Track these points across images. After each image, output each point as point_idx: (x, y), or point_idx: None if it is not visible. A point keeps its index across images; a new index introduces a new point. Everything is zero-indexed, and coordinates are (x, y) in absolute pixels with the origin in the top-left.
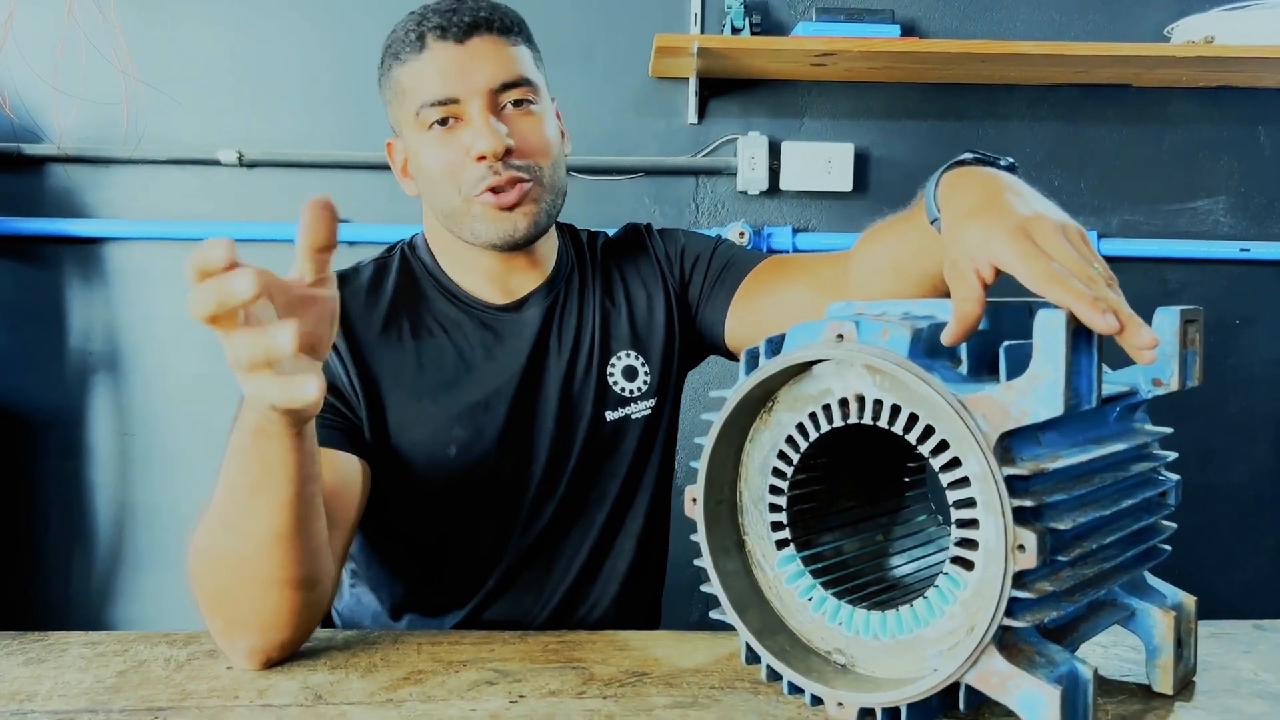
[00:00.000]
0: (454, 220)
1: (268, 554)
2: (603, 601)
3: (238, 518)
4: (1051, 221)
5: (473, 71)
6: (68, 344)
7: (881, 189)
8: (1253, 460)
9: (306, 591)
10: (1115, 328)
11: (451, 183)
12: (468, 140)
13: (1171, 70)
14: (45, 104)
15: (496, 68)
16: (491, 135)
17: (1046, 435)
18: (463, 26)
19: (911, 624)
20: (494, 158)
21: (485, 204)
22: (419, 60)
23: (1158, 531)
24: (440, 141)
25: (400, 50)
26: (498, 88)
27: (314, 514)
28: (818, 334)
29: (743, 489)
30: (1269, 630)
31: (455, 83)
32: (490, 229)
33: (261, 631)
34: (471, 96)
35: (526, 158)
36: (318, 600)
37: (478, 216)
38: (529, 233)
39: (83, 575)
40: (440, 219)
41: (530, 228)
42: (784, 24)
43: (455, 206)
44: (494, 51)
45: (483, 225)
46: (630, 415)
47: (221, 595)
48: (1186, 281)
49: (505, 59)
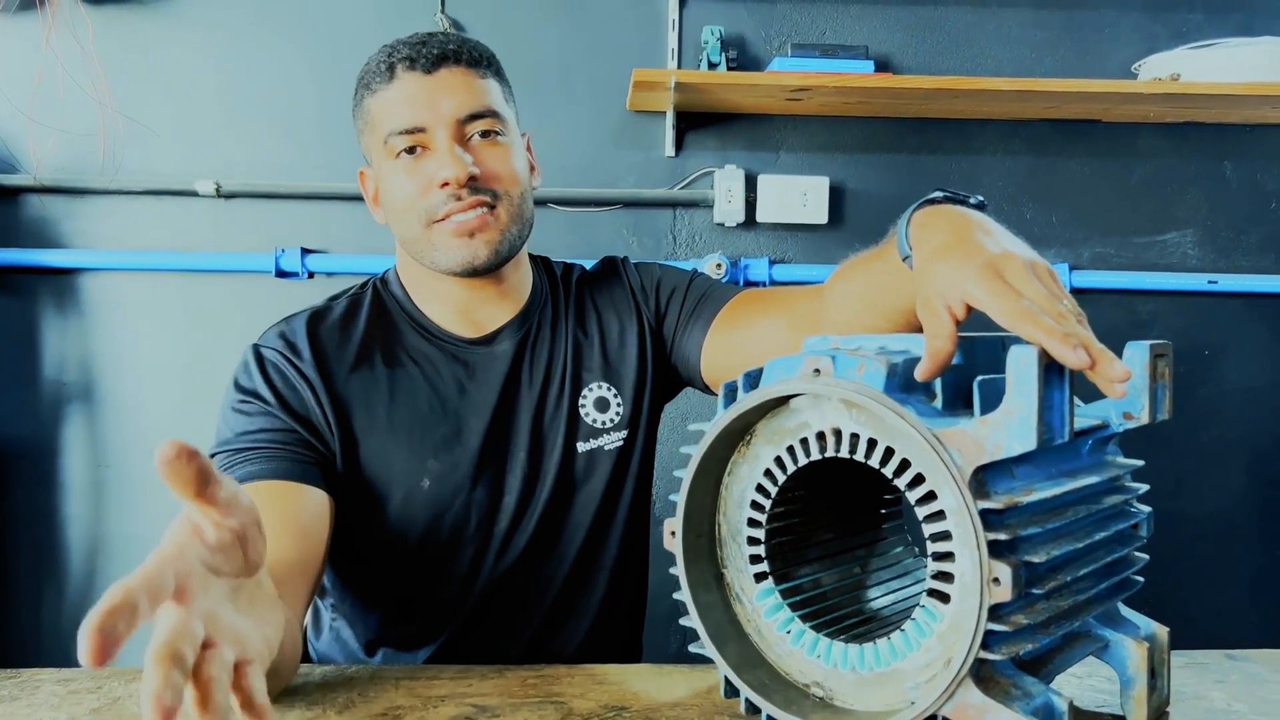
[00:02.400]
0: (417, 248)
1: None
2: (578, 633)
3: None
4: (1020, 259)
5: (439, 101)
6: (42, 375)
7: (857, 221)
8: (1224, 488)
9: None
10: (1086, 362)
11: (415, 210)
12: (433, 169)
13: (1139, 106)
14: (21, 134)
15: (463, 98)
16: (455, 162)
17: (1020, 469)
18: (431, 58)
19: (889, 657)
20: (456, 184)
21: (445, 230)
22: (388, 90)
23: (1130, 563)
24: (407, 170)
25: (371, 80)
26: (464, 118)
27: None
28: (795, 368)
29: (721, 522)
30: (1241, 660)
31: (422, 112)
32: (450, 256)
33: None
34: (438, 126)
35: (491, 185)
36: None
37: (438, 244)
38: (489, 260)
39: (54, 609)
40: (405, 247)
41: (491, 255)
42: (760, 59)
43: (417, 234)
44: (461, 83)
45: (443, 252)
46: (603, 447)
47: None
48: (1156, 313)
49: (473, 90)
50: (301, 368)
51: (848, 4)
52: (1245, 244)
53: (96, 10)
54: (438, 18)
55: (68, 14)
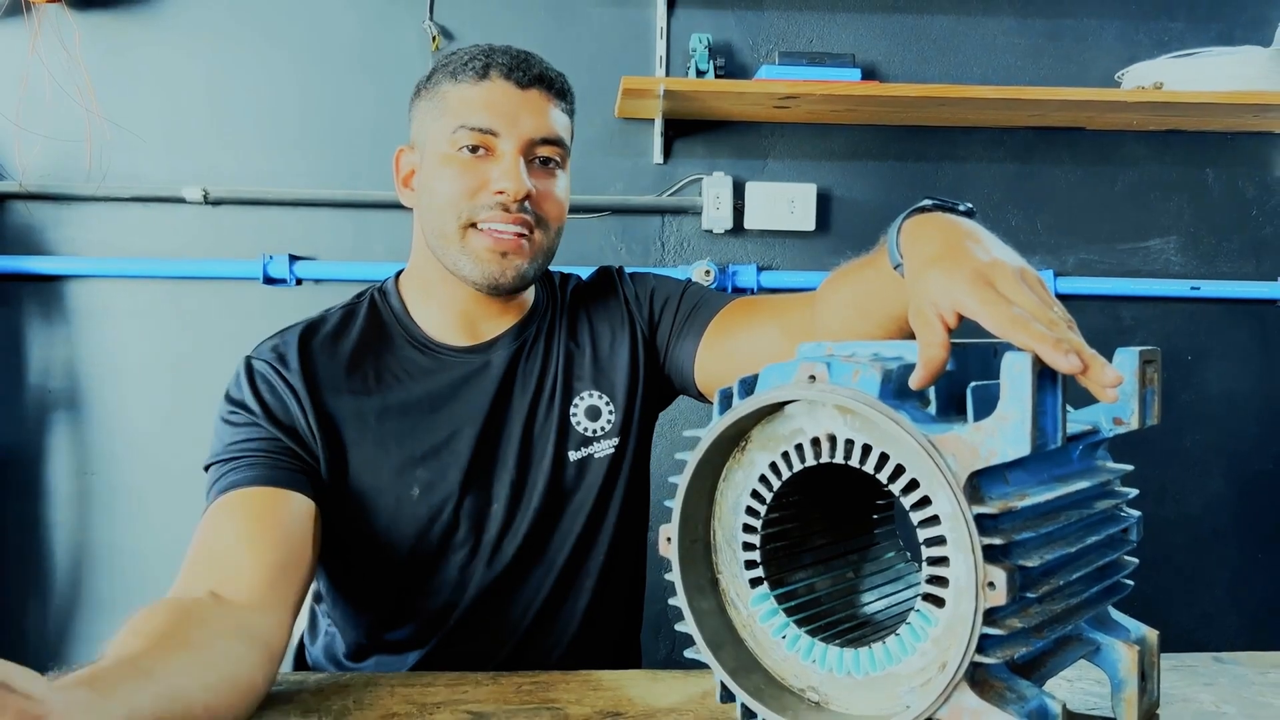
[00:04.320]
0: (444, 244)
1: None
2: (564, 640)
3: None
4: (1010, 267)
5: (521, 116)
6: (27, 382)
7: (844, 228)
8: (1206, 492)
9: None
10: (1079, 367)
11: (456, 207)
12: (493, 174)
13: (1123, 114)
14: (8, 141)
15: (542, 121)
16: (517, 177)
17: (1013, 474)
18: (529, 75)
19: (884, 661)
20: (512, 198)
21: (482, 241)
22: (476, 87)
23: (1121, 567)
24: (465, 165)
25: (459, 71)
26: (538, 140)
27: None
28: (790, 375)
29: (716, 528)
30: (1228, 663)
31: (502, 119)
32: (478, 268)
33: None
34: (511, 137)
35: (539, 209)
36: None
37: (469, 250)
38: (513, 283)
39: (39, 618)
40: (431, 238)
41: (516, 279)
42: (747, 67)
43: (450, 231)
44: (545, 107)
45: (472, 261)
46: (594, 455)
47: None
48: (1140, 319)
49: (552, 117)
50: (289, 379)
51: (835, 12)
52: (1227, 250)
53: (83, 16)
54: (425, 25)
55: (54, 20)
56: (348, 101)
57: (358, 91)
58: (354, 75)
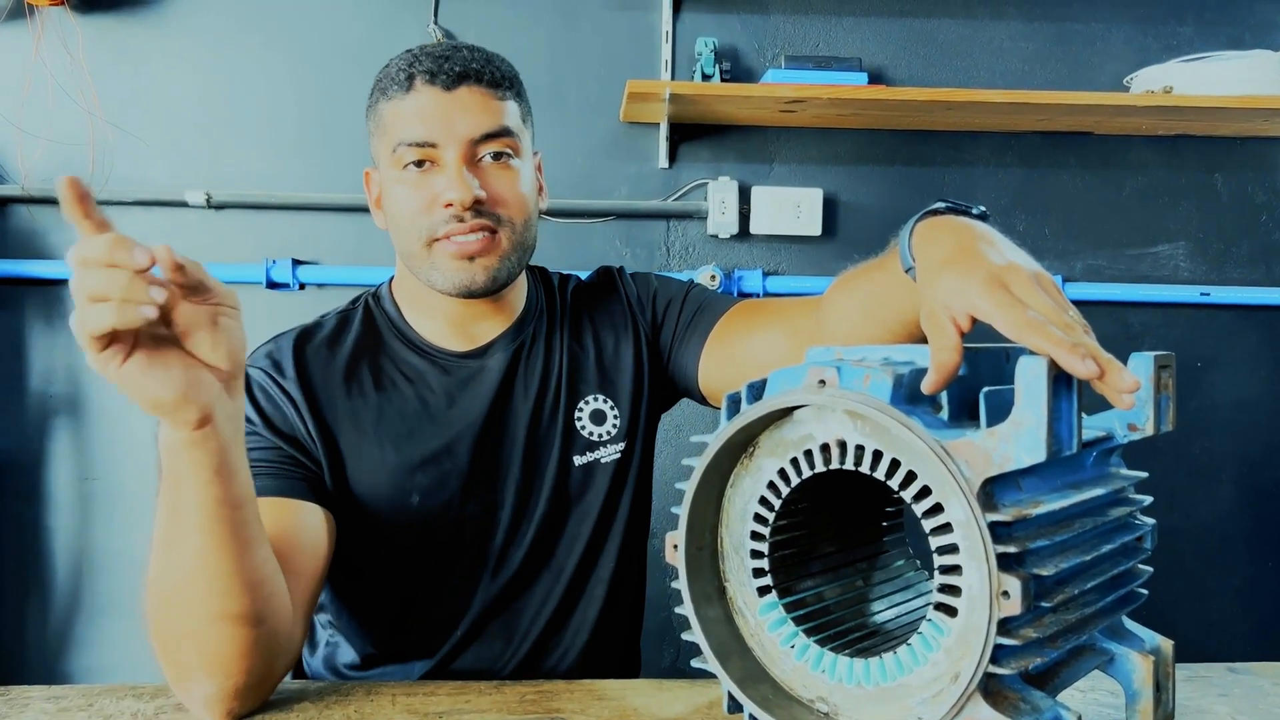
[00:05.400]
0: (414, 263)
1: (197, 583)
2: (574, 648)
3: (164, 549)
4: (1025, 271)
5: (454, 120)
6: (28, 386)
7: (850, 233)
8: (1215, 500)
9: (251, 628)
10: (1096, 372)
11: (415, 225)
12: (439, 187)
13: (1131, 119)
14: (10, 144)
15: (479, 119)
16: (461, 185)
17: (1027, 481)
18: (452, 75)
19: (895, 671)
20: (461, 207)
21: (445, 251)
22: (404, 100)
23: (1135, 576)
24: (413, 183)
25: (388, 87)
26: (477, 138)
27: (242, 543)
28: (799, 379)
29: (724, 535)
30: (1243, 673)
31: (435, 128)
32: (448, 277)
33: (211, 675)
34: (449, 144)
35: (496, 209)
36: (269, 641)
37: (436, 263)
38: (486, 285)
39: (39, 623)
40: (403, 259)
41: (488, 281)
42: (753, 71)
43: (416, 249)
44: (479, 103)
45: (440, 272)
46: (599, 460)
47: (167, 636)
48: (1149, 325)
49: (489, 111)
50: (285, 386)
51: (841, 16)
52: (1236, 256)
53: (86, 20)
54: (430, 29)
55: (57, 24)
56: (351, 105)
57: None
58: (358, 79)
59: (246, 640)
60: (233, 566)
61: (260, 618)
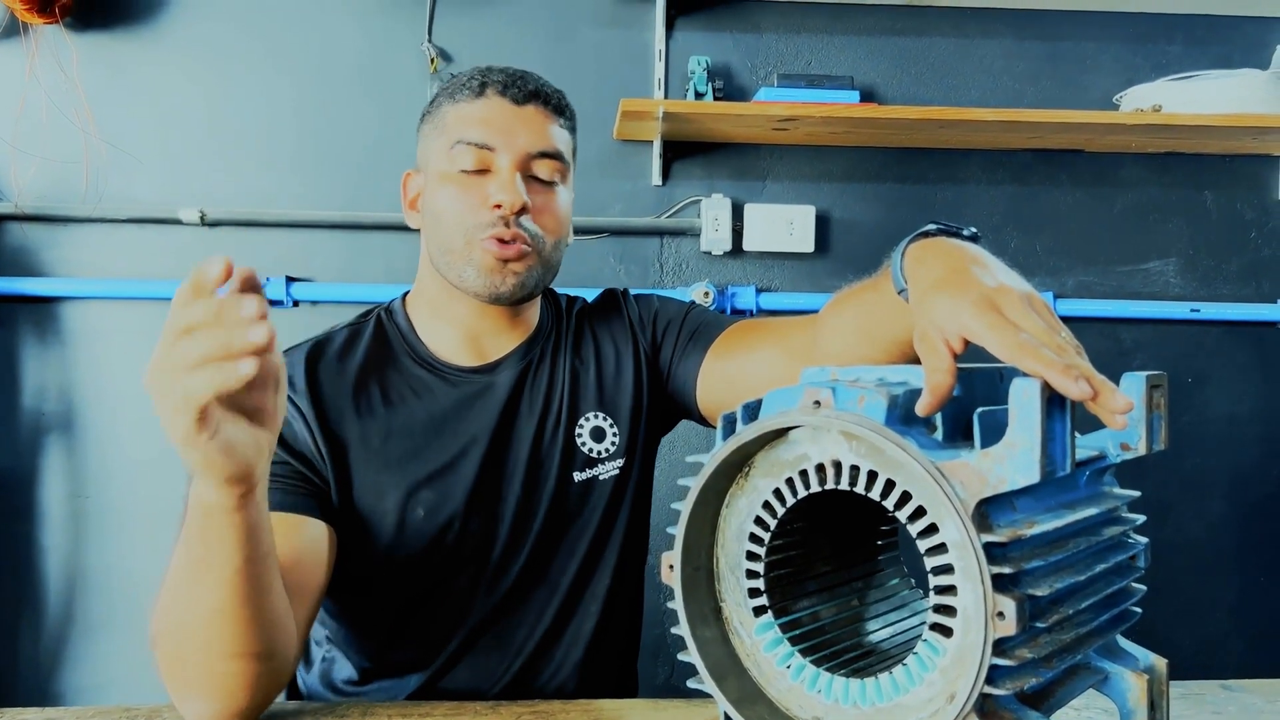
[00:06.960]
0: (449, 258)
1: (215, 627)
2: (568, 663)
3: (185, 590)
4: (1017, 292)
5: (517, 132)
6: (21, 404)
7: (843, 250)
8: (1207, 516)
9: (261, 664)
10: (1089, 393)
11: (460, 223)
12: (490, 190)
13: (1121, 137)
14: (4, 162)
15: (538, 136)
16: (513, 190)
17: (1021, 501)
18: (524, 91)
19: (891, 692)
20: (510, 210)
21: (486, 249)
22: (473, 105)
23: (1129, 594)
24: (464, 183)
25: (457, 92)
26: (534, 154)
27: (262, 590)
28: (794, 400)
29: (719, 555)
30: (1236, 691)
31: (498, 135)
32: (480, 277)
33: (214, 700)
34: (507, 151)
35: (537, 223)
36: (275, 671)
37: (473, 260)
38: (514, 293)
39: (31, 641)
40: (435, 256)
41: (517, 288)
42: (746, 89)
43: (456, 245)
44: (542, 122)
45: (475, 270)
46: (598, 476)
47: (174, 660)
48: (1140, 341)
49: (550, 132)
50: (296, 401)
51: (833, 35)
52: (1226, 272)
53: (81, 37)
54: (424, 47)
55: (52, 42)
56: (345, 123)
57: (355, 113)
58: (352, 97)
59: (254, 672)
60: (251, 613)
61: (271, 653)
